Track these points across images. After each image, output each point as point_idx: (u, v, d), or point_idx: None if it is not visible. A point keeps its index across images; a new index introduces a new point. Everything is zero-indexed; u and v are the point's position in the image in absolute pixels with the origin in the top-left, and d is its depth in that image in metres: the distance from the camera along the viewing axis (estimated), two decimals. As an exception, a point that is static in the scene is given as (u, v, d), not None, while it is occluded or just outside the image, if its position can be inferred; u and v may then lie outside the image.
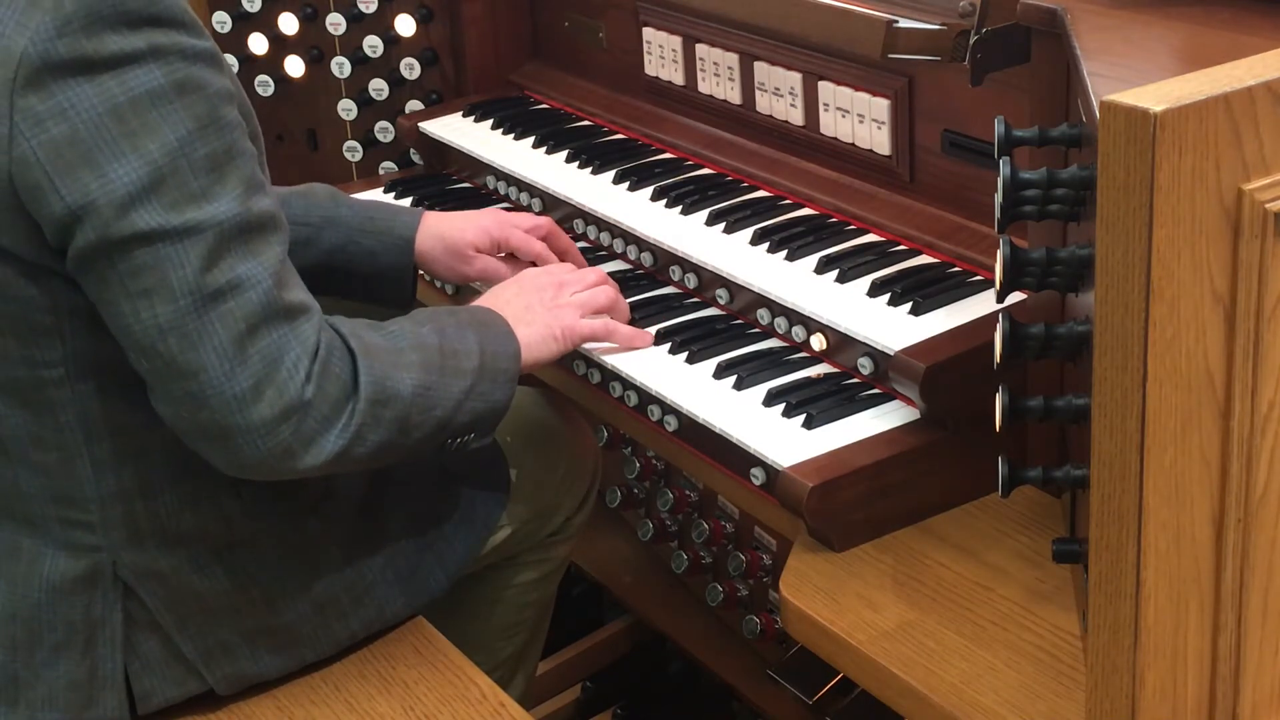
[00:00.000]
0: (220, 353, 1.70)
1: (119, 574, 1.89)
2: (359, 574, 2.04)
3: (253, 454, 1.74)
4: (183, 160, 1.67)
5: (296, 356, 1.73)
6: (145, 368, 1.73)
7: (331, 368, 1.77)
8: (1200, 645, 1.37)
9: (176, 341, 1.69)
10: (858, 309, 2.09)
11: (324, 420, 1.76)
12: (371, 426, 1.81)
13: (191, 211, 1.68)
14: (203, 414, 1.72)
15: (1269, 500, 1.33)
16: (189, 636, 1.94)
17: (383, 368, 1.83)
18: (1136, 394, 1.27)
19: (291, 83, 3.07)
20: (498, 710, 2.02)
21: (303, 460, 1.76)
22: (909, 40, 2.01)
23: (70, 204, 1.65)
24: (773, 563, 2.68)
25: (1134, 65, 1.64)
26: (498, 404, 1.99)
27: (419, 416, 1.87)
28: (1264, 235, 1.24)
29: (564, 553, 2.43)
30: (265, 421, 1.72)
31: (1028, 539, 1.90)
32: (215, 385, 1.70)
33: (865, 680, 1.77)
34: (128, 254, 1.67)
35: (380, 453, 1.84)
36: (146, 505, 1.88)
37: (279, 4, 3.01)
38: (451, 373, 1.92)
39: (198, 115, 1.68)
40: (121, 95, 1.64)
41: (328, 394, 1.76)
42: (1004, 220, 1.56)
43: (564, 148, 2.73)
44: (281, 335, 1.73)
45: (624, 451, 2.97)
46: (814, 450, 1.92)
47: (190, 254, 1.68)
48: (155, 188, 1.66)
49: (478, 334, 1.99)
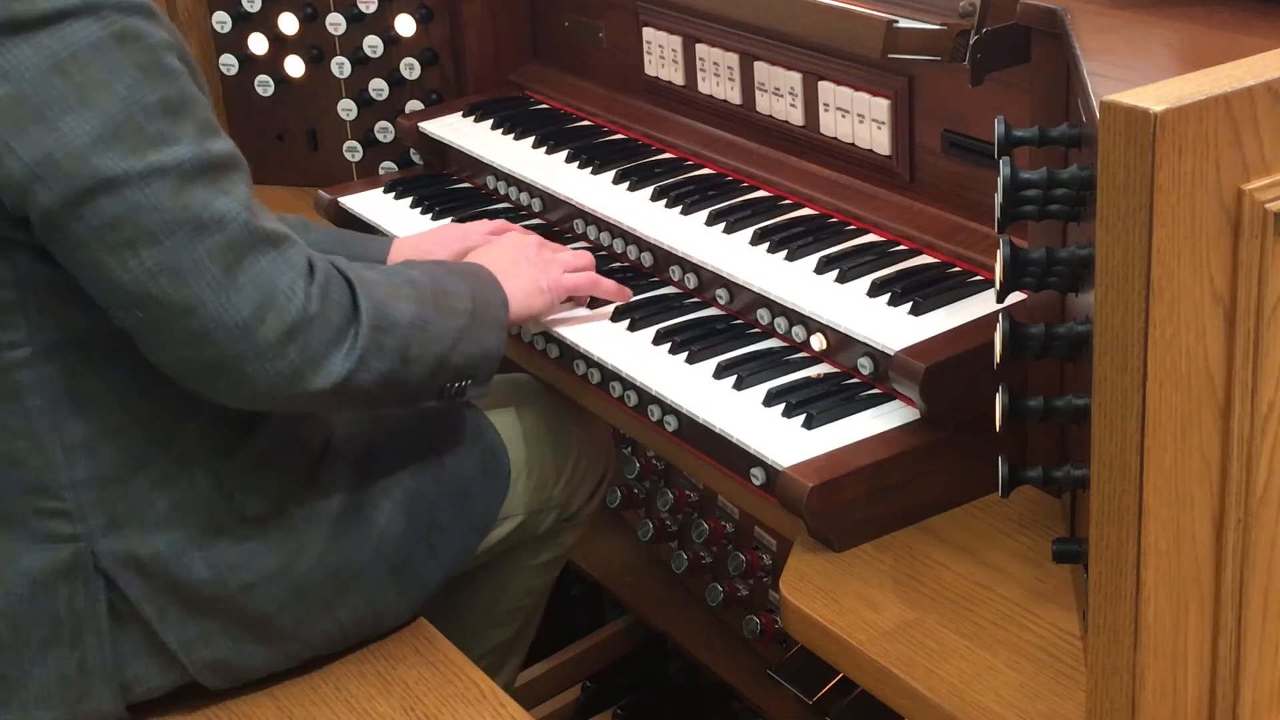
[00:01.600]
0: (214, 285, 1.72)
1: (99, 564, 1.89)
2: (344, 562, 2.02)
3: (263, 380, 1.77)
4: (135, 107, 1.69)
5: (290, 279, 1.77)
6: (140, 318, 1.74)
7: (331, 293, 1.81)
8: (1200, 645, 1.37)
9: (169, 281, 1.71)
10: (858, 309, 2.09)
11: (329, 343, 1.80)
12: (375, 353, 1.85)
13: (153, 155, 1.70)
14: (208, 350, 1.75)
15: (1269, 500, 1.33)
16: (169, 626, 1.93)
17: (380, 296, 1.88)
18: (1136, 394, 1.27)
19: (291, 83, 3.07)
20: (497, 710, 2.02)
21: (312, 382, 1.79)
22: (909, 40, 2.01)
23: (29, 162, 1.67)
24: (773, 563, 2.68)
25: (1134, 65, 1.64)
26: (490, 350, 2.05)
27: (418, 349, 1.92)
28: (1264, 235, 1.24)
29: (573, 539, 2.44)
30: (270, 344, 1.75)
31: (1028, 539, 1.90)
32: (216, 317, 1.73)
33: (865, 680, 1.77)
34: (97, 206, 1.69)
35: (385, 384, 1.88)
36: (122, 489, 1.88)
37: (279, 4, 3.01)
38: (446, 311, 1.98)
39: (141, 64, 1.70)
40: (62, 51, 1.66)
41: (329, 317, 1.80)
42: (1004, 220, 1.56)
43: (564, 148, 2.73)
44: (270, 260, 1.76)
45: (624, 451, 2.97)
46: (814, 450, 1.92)
47: (160, 196, 1.70)
48: (112, 136, 1.68)
49: (467, 281, 2.07)
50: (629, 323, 2.28)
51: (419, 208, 2.76)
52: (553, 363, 2.34)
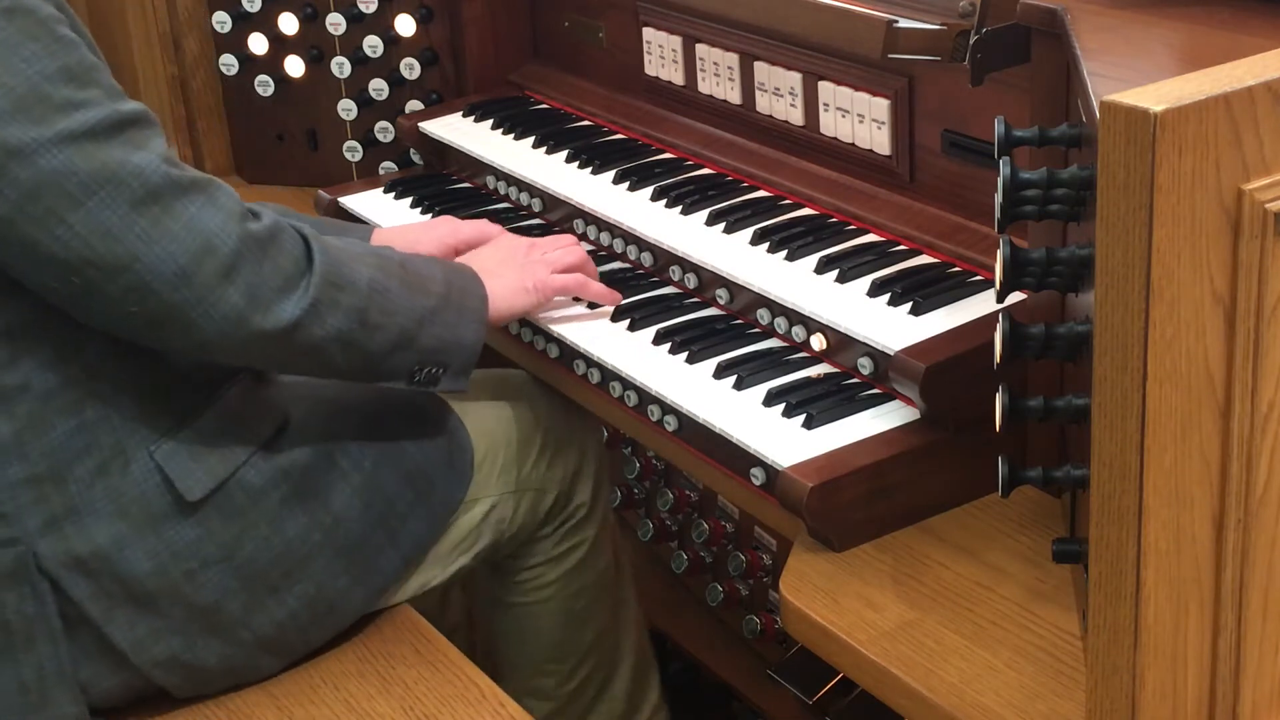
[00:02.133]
0: (144, 238, 1.75)
1: (42, 566, 1.87)
2: (289, 547, 2.00)
3: (209, 325, 1.80)
4: (37, 78, 1.70)
5: (222, 221, 1.79)
6: (76, 284, 1.75)
7: (279, 239, 1.84)
8: (1200, 645, 1.37)
9: (99, 241, 1.73)
10: (858, 309, 2.09)
11: (277, 289, 1.83)
12: (329, 307, 1.88)
13: (61, 122, 1.71)
14: (150, 301, 1.76)
15: (1269, 500, 1.33)
16: (117, 627, 1.92)
17: (336, 256, 1.91)
18: (1136, 394, 1.27)
19: (291, 83, 3.07)
20: (497, 710, 2.02)
21: (259, 323, 1.82)
22: (909, 40, 2.00)
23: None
24: (773, 563, 2.68)
25: (1134, 65, 1.63)
26: (465, 340, 2.07)
27: (379, 316, 1.94)
28: (1264, 235, 1.24)
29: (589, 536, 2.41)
30: (210, 287, 1.77)
31: (1028, 539, 1.90)
32: (152, 268, 1.75)
33: (865, 680, 1.77)
34: (12, 178, 1.70)
35: (344, 345, 1.91)
36: (57, 485, 1.86)
37: (279, 4, 3.01)
38: (412, 288, 2.00)
39: (35, 35, 1.71)
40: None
41: (276, 261, 1.83)
42: (1004, 220, 1.56)
43: (564, 148, 2.73)
44: (198, 205, 1.78)
45: (624, 451, 2.97)
46: (814, 450, 1.92)
47: (75, 160, 1.72)
48: (16, 109, 1.69)
49: (443, 269, 2.10)
50: (629, 323, 2.28)
51: (419, 208, 2.76)
52: (552, 362, 2.34)
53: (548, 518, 2.35)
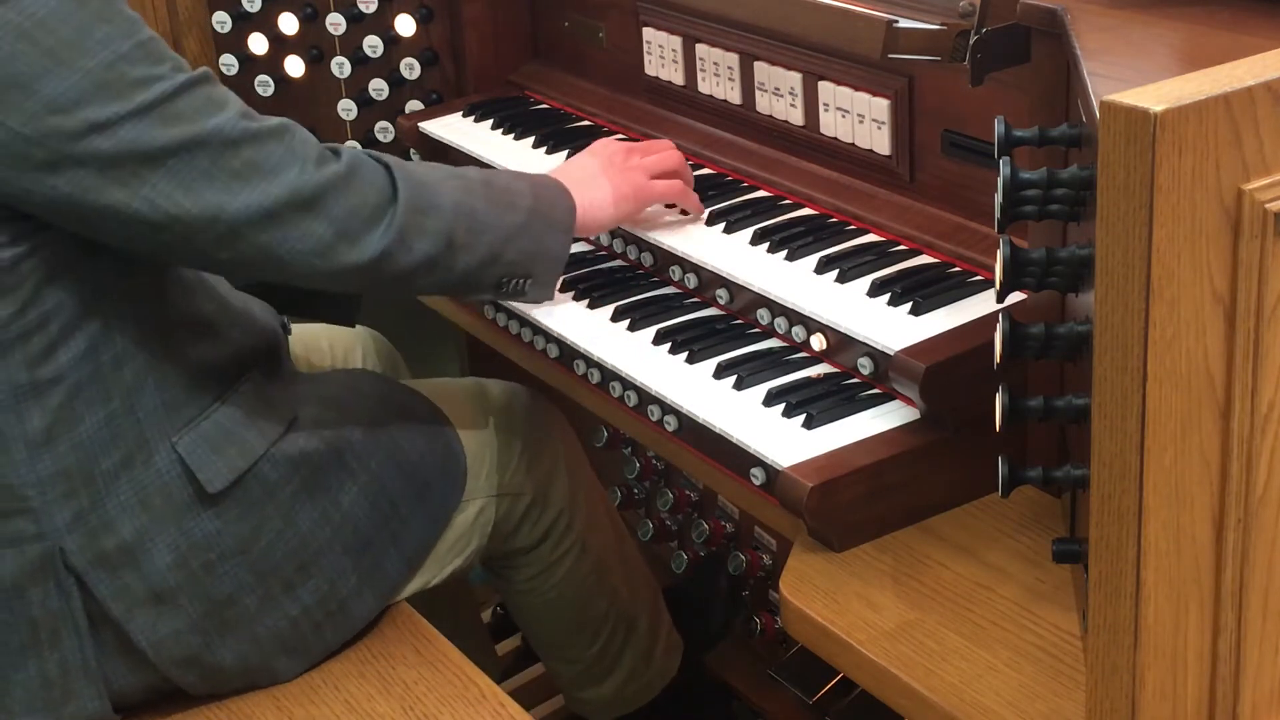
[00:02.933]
0: (227, 188, 1.80)
1: (68, 562, 1.89)
2: (302, 542, 2.02)
3: (299, 262, 1.87)
4: (113, 57, 1.74)
5: (301, 162, 1.85)
6: (166, 239, 1.81)
7: (361, 171, 1.90)
8: (1200, 645, 1.37)
9: (183, 196, 1.78)
10: (858, 309, 2.09)
11: (364, 221, 1.89)
12: (416, 234, 1.93)
13: (140, 94, 1.76)
14: (240, 245, 1.83)
15: (1269, 500, 1.33)
16: (138, 626, 1.93)
17: (420, 180, 1.96)
18: (1136, 394, 1.27)
19: (291, 83, 3.07)
20: (497, 710, 2.02)
21: (348, 255, 1.88)
22: (909, 40, 2.00)
23: (16, 128, 1.71)
24: (773, 563, 2.68)
25: (1134, 65, 1.63)
26: (552, 250, 2.13)
27: (465, 236, 1.99)
28: (1264, 235, 1.24)
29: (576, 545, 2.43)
30: (297, 225, 1.84)
31: (1028, 539, 1.90)
32: (238, 215, 1.81)
33: (865, 680, 1.77)
34: (95, 149, 1.74)
35: (430, 267, 1.96)
36: (84, 480, 1.88)
37: (279, 4, 3.01)
38: (499, 205, 2.05)
39: (106, 17, 1.75)
40: (25, 22, 1.70)
41: (361, 192, 1.88)
42: (1004, 220, 1.56)
43: (564, 148, 2.73)
44: (278, 154, 1.84)
45: (624, 451, 2.97)
46: (814, 450, 1.92)
47: (154, 127, 1.76)
48: (96, 89, 1.73)
49: (529, 183, 2.15)
50: (629, 323, 2.28)
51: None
52: (552, 363, 2.34)
53: (523, 519, 2.36)
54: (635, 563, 2.58)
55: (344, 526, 2.07)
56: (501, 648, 3.06)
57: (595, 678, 2.54)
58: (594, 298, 2.34)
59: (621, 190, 2.29)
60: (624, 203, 2.29)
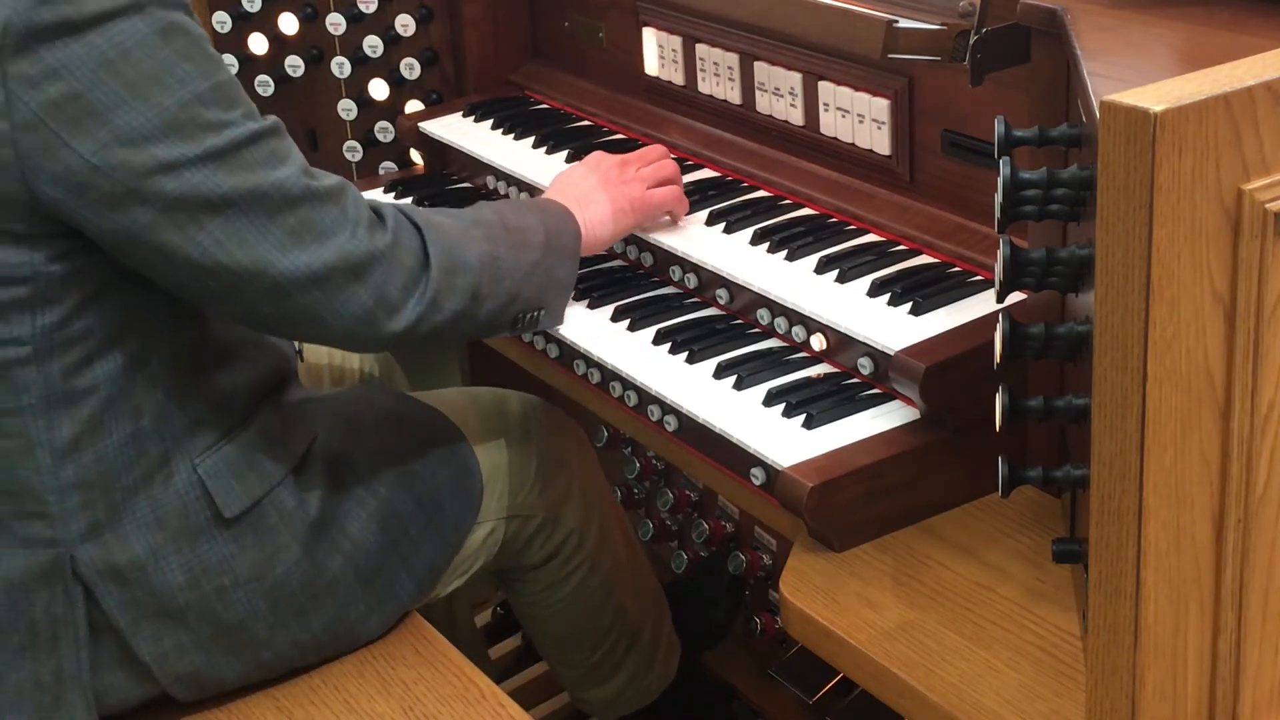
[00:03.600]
0: (280, 244, 1.80)
1: (77, 570, 1.88)
2: (317, 570, 2.02)
3: (339, 325, 1.87)
4: (189, 97, 1.74)
5: (353, 227, 1.85)
6: (213, 286, 1.81)
7: (401, 238, 1.91)
8: (1200, 645, 1.37)
9: (237, 248, 1.78)
10: (858, 309, 2.09)
11: (402, 287, 1.90)
12: (446, 294, 1.95)
13: (210, 139, 1.75)
14: (284, 303, 1.83)
15: (1269, 500, 1.33)
16: (143, 639, 1.93)
17: (450, 239, 1.97)
18: (1136, 394, 1.27)
19: (291, 83, 3.07)
20: (497, 710, 2.02)
21: (386, 325, 1.89)
22: (909, 40, 2.01)
23: (86, 156, 1.71)
24: (773, 563, 2.68)
25: (1134, 65, 1.64)
26: (562, 280, 2.17)
27: (489, 286, 2.01)
28: (1264, 235, 1.24)
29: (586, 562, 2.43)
30: (342, 291, 1.85)
31: (1028, 539, 1.90)
32: (287, 274, 1.81)
33: (865, 680, 1.77)
34: (159, 189, 1.74)
35: (455, 322, 1.98)
36: (104, 491, 1.88)
37: (279, 4, 3.01)
38: (518, 246, 2.07)
39: (189, 55, 1.75)
40: (111, 50, 1.70)
41: (401, 260, 1.90)
42: (1004, 220, 1.56)
43: (564, 148, 2.73)
44: (330, 215, 1.84)
45: (624, 451, 2.97)
46: (814, 450, 1.92)
47: (218, 174, 1.76)
48: (168, 127, 1.73)
49: (538, 215, 2.17)
50: (629, 323, 2.28)
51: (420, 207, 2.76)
52: (553, 363, 2.34)
53: (533, 538, 2.35)
54: (644, 576, 2.57)
55: (356, 553, 2.06)
56: (501, 648, 3.06)
57: (596, 681, 2.54)
58: (594, 298, 2.34)
59: (620, 204, 2.29)
60: (623, 217, 2.30)
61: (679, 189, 2.39)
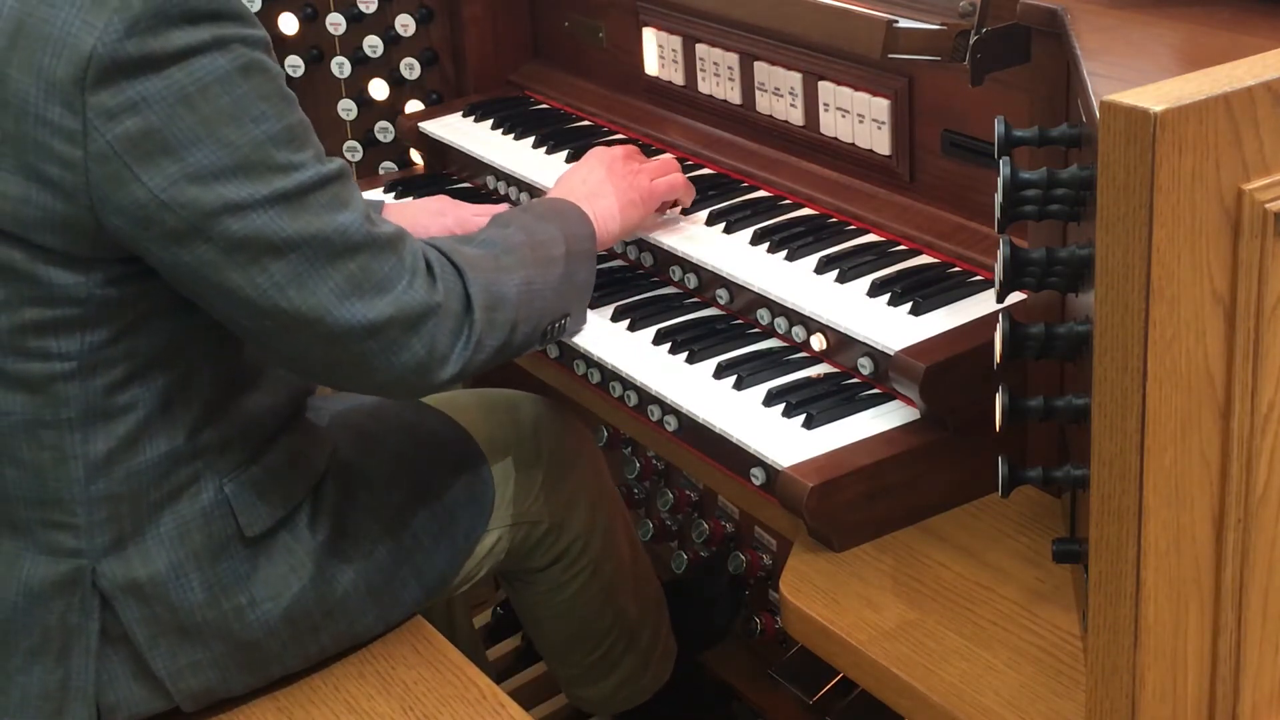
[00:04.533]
0: (338, 292, 1.79)
1: (97, 583, 1.89)
2: (330, 586, 2.02)
3: (389, 374, 1.86)
4: (262, 138, 1.73)
5: (409, 278, 1.84)
6: (268, 326, 1.80)
7: (447, 284, 1.89)
8: (1200, 646, 1.37)
9: (296, 292, 1.77)
10: (858, 309, 2.09)
11: (450, 333, 1.89)
12: (488, 332, 1.94)
13: (279, 182, 1.74)
14: (335, 350, 1.82)
15: (1269, 500, 1.33)
16: (159, 655, 1.93)
17: (486, 276, 1.96)
18: (1136, 394, 1.27)
19: (291, 83, 3.05)
20: (497, 710, 2.02)
21: (438, 374, 1.90)
22: (909, 40, 2.00)
23: (154, 190, 1.70)
24: (773, 563, 2.68)
25: (1134, 65, 1.64)
26: (582, 284, 2.19)
27: (524, 312, 2.02)
28: (1264, 235, 1.24)
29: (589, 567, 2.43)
30: (395, 341, 1.83)
31: (1028, 539, 1.90)
32: (342, 321, 1.80)
33: (865, 680, 1.77)
34: (225, 229, 1.73)
35: (496, 355, 1.98)
36: (131, 506, 1.88)
37: (279, 4, 3.01)
38: (544, 263, 2.07)
39: (266, 95, 1.74)
40: (190, 85, 1.69)
41: (449, 308, 1.88)
42: (1004, 220, 1.56)
43: (564, 148, 2.73)
44: (390, 262, 1.83)
45: (624, 451, 2.97)
46: (814, 450, 1.92)
47: (284, 217, 1.75)
48: (239, 167, 1.72)
49: (557, 223, 2.16)
50: (629, 323, 2.28)
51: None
52: (553, 363, 2.34)
53: (537, 545, 2.35)
54: (646, 578, 2.57)
55: (368, 565, 2.07)
56: (501, 648, 3.06)
57: (591, 680, 2.54)
58: (594, 298, 2.34)
59: (628, 196, 2.30)
60: (631, 209, 2.30)
61: (683, 177, 2.40)
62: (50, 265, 1.76)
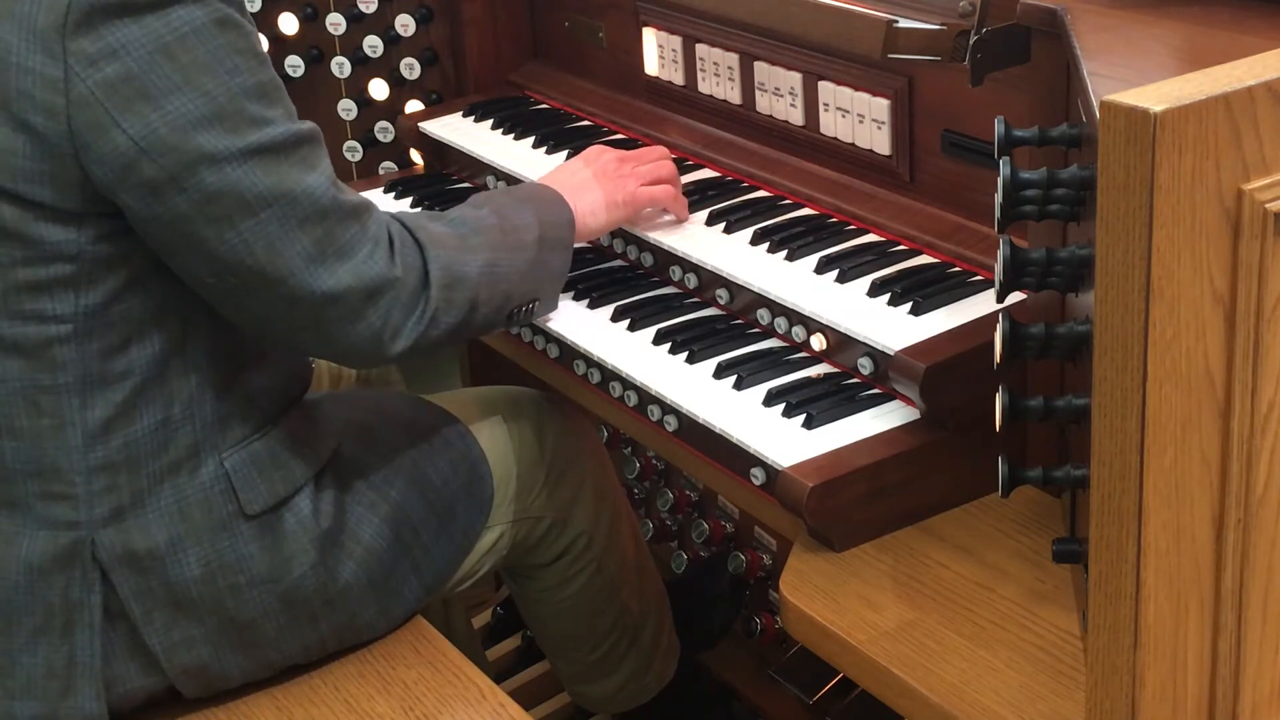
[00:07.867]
0: (304, 255, 1.83)
1: (96, 555, 1.89)
2: (331, 575, 2.02)
3: (346, 342, 1.90)
4: (237, 89, 1.78)
5: (371, 248, 1.88)
6: (232, 284, 1.83)
7: (406, 258, 1.93)
8: (1200, 646, 1.37)
9: (263, 251, 1.81)
10: (858, 309, 2.09)
11: (405, 307, 1.93)
12: (444, 310, 1.97)
13: (252, 135, 1.78)
14: (296, 312, 1.86)
15: (1269, 500, 1.33)
16: (154, 629, 1.93)
17: (449, 255, 1.99)
18: (1136, 394, 1.27)
19: (291, 83, 3.07)
20: (497, 710, 2.02)
21: (391, 346, 1.93)
22: (909, 40, 2.01)
23: (134, 136, 1.74)
24: (773, 563, 2.68)
25: (1134, 65, 1.64)
26: (556, 271, 2.20)
27: (486, 293, 2.04)
28: (1264, 235, 1.24)
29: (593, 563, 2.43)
30: (354, 309, 1.87)
31: (1028, 539, 1.90)
32: (305, 284, 1.84)
33: (865, 680, 1.77)
34: (199, 180, 1.77)
35: (453, 333, 2.01)
36: (130, 477, 1.89)
37: (279, 4, 3.01)
38: (514, 247, 2.10)
39: (240, 49, 1.79)
40: (168, 34, 1.74)
41: (406, 282, 1.92)
42: (1004, 220, 1.56)
43: (564, 148, 2.73)
44: (352, 231, 1.87)
45: (624, 451, 2.97)
46: (814, 450, 1.92)
47: (257, 173, 1.79)
48: (215, 117, 1.76)
49: (534, 208, 2.19)
50: (629, 323, 2.28)
51: (419, 208, 2.76)
52: (552, 363, 2.34)
53: (540, 542, 2.36)
54: (649, 576, 2.58)
55: (368, 559, 2.07)
56: (501, 648, 3.06)
57: (594, 677, 2.54)
58: (594, 298, 2.35)
59: (614, 197, 2.32)
60: (615, 209, 2.32)
61: (673, 189, 2.39)
62: (41, 221, 1.79)
